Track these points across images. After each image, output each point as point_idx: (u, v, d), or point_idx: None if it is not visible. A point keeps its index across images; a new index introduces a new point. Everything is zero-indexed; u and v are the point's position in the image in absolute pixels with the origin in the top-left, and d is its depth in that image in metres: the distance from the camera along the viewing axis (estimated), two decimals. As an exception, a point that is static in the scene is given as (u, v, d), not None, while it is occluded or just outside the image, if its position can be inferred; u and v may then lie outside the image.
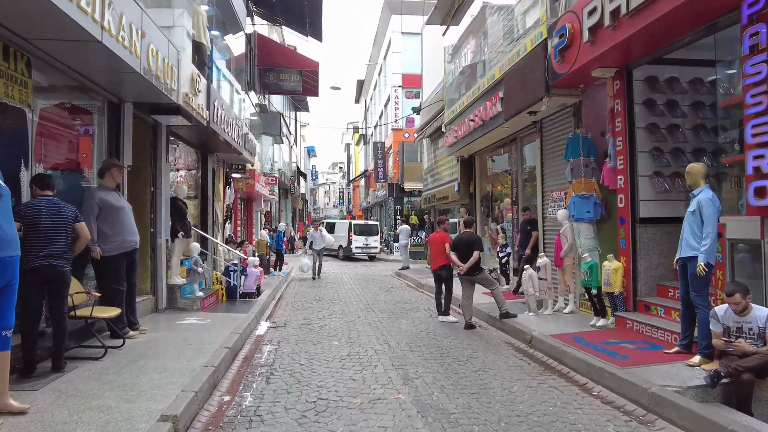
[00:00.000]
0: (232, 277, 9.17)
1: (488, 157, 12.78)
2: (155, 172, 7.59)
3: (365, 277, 14.84)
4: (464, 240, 7.36)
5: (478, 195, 12.98)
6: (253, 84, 16.36)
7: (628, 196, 6.50)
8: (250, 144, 11.68)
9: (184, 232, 7.82)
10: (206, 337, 5.92)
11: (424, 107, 16.56)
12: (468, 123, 10.99)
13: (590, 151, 7.61)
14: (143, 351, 5.13)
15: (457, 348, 6.13)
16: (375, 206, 34.99)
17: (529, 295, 7.39)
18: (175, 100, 6.43)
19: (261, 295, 9.89)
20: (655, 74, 6.56)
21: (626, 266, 6.47)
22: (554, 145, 8.59)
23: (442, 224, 8.25)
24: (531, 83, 7.85)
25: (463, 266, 7.19)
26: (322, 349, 6.02)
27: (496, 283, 7.40)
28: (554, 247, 7.77)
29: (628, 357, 4.94)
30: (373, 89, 36.17)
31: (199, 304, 7.83)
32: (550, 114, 8.55)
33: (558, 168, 8.46)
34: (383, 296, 10.70)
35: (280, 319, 8.04)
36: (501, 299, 7.23)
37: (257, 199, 16.57)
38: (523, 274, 7.52)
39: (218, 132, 8.48)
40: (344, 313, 8.55)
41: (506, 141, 10.84)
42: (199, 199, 10.56)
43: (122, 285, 5.55)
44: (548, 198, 8.73)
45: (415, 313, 8.65)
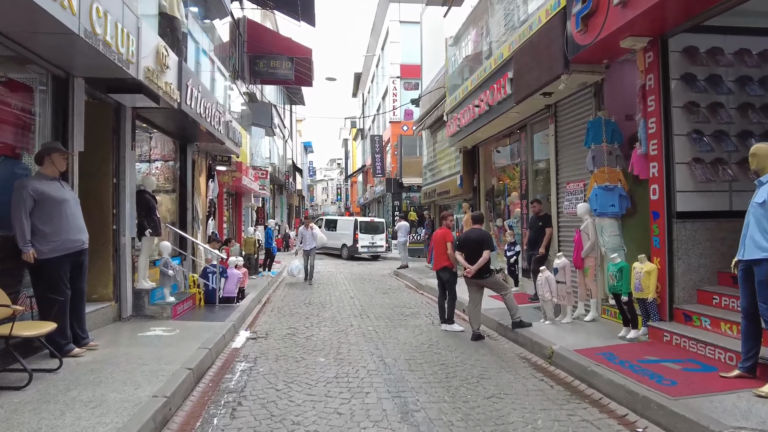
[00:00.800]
0: (210, 280, 8.23)
1: (493, 149, 11.85)
2: (118, 162, 6.64)
3: (361, 277, 13.92)
4: (472, 238, 6.43)
5: (483, 189, 12.05)
6: (242, 72, 15.39)
7: (663, 187, 5.58)
8: (234, 133, 10.72)
9: (152, 230, 6.88)
10: (168, 353, 4.99)
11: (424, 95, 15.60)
12: (472, 110, 10.06)
13: (614, 136, 6.70)
14: (83, 375, 4.19)
15: (464, 365, 5.21)
16: (373, 202, 34.05)
17: (546, 301, 6.47)
18: (133, 75, 5.48)
19: (245, 299, 8.96)
20: (694, 44, 5.63)
21: (661, 268, 5.55)
22: (571, 131, 7.66)
23: (446, 220, 7.32)
24: (547, 59, 6.91)
25: (470, 268, 6.26)
26: (305, 368, 5.09)
27: (508, 288, 6.48)
28: (573, 246, 6.84)
29: (677, 382, 4.02)
30: (370, 82, 35.17)
31: (170, 311, 6.90)
32: (566, 96, 7.61)
33: (575, 157, 7.54)
34: (380, 299, 9.78)
35: (262, 328, 7.12)
36: (513, 306, 6.31)
37: (246, 195, 15.62)
38: (539, 276, 6.60)
39: (192, 117, 7.53)
40: (335, 320, 7.62)
41: (514, 129, 9.90)
42: (177, 194, 9.62)
43: (62, 294, 4.61)
44: (564, 190, 7.80)
45: (414, 319, 7.73)
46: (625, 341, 5.47)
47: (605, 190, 6.55)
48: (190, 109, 7.41)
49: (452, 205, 16.02)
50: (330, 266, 17.30)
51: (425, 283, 11.23)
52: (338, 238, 20.63)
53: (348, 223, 21.13)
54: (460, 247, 6.58)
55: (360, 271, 15.60)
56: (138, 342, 5.50)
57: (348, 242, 20.32)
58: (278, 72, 15.97)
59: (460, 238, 6.65)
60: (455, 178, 13.07)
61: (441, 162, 15.63)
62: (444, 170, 15.16)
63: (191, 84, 7.36)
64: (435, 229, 17.57)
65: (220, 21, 13.25)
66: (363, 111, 40.79)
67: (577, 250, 6.62)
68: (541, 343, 5.61)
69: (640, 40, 5.60)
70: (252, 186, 14.25)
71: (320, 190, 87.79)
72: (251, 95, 15.55)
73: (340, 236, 20.67)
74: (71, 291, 4.78)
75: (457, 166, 13.43)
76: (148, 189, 7.08)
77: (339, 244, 20.60)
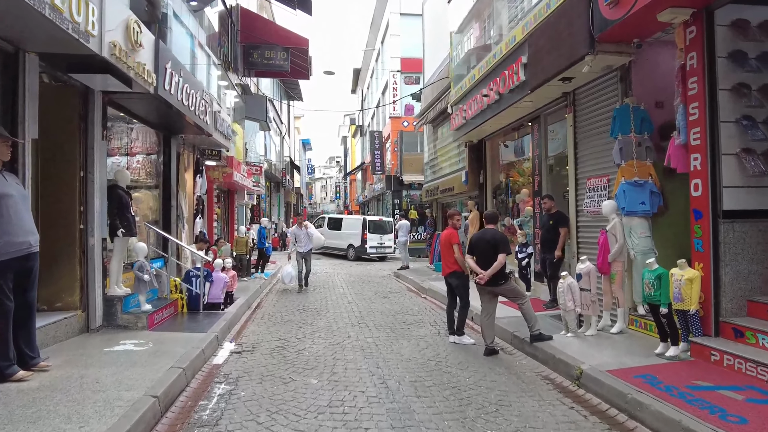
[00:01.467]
0: (194, 285, 7.49)
1: (501, 143, 11.10)
2: (86, 153, 5.89)
3: (360, 279, 13.17)
4: (486, 239, 5.68)
5: (489, 185, 11.31)
6: (235, 62, 14.61)
7: (707, 182, 4.84)
8: (223, 125, 9.97)
9: (126, 229, 6.14)
10: (132, 376, 4.24)
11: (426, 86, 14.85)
12: (480, 100, 9.30)
13: (644, 125, 5.97)
14: (19, 408, 3.45)
15: (479, 388, 4.48)
16: (372, 200, 33.29)
17: (568, 311, 5.73)
18: (95, 51, 4.72)
19: (233, 304, 8.23)
20: (745, 16, 4.88)
21: (704, 275, 4.82)
22: (592, 121, 6.92)
23: (452, 219, 6.57)
24: (568, 39, 6.16)
25: (483, 274, 5.52)
26: (294, 392, 4.35)
27: (525, 296, 5.73)
28: (597, 248, 6.10)
29: (749, 420, 3.29)
30: (370, 77, 34.36)
31: (146, 320, 6.15)
32: (587, 82, 6.87)
33: (597, 149, 6.80)
34: (380, 304, 9.04)
35: (249, 339, 6.38)
36: (532, 316, 5.58)
37: (240, 192, 14.87)
38: (560, 283, 5.86)
39: (173, 104, 6.78)
40: (331, 330, 6.88)
41: (525, 121, 9.16)
42: (161, 190, 8.87)
43: (2, 306, 3.87)
44: (584, 187, 7.06)
45: (418, 328, 6.99)
46: (665, 360, 4.74)
47: (634, 185, 5.83)
48: (170, 96, 6.66)
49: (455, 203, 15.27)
50: (328, 267, 16.55)
51: (428, 286, 10.50)
52: (343, 238, 19.51)
53: (355, 222, 19.86)
54: (471, 250, 5.83)
55: (359, 272, 14.86)
56: (101, 360, 4.75)
57: (355, 242, 19.11)
58: (273, 63, 15.17)
59: (472, 240, 5.90)
60: (460, 174, 12.33)
61: (444, 158, 14.89)
62: (447, 166, 14.42)
63: (171, 68, 6.61)
64: (437, 228, 16.98)
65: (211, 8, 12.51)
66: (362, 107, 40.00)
67: (603, 254, 5.88)
68: (566, 361, 4.88)
69: (682, 12, 4.86)
70: (245, 182, 13.49)
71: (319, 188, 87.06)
72: (244, 87, 14.79)
73: (345, 236, 19.52)
74: (16, 303, 4.04)
75: (461, 162, 12.70)
76: (122, 184, 6.33)
77: (344, 245, 19.46)
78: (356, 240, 19.01)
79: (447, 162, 14.46)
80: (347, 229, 19.67)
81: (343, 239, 19.50)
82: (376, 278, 13.47)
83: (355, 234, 19.11)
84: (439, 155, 15.67)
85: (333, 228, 20.23)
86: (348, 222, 20.33)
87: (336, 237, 19.66)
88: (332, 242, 19.59)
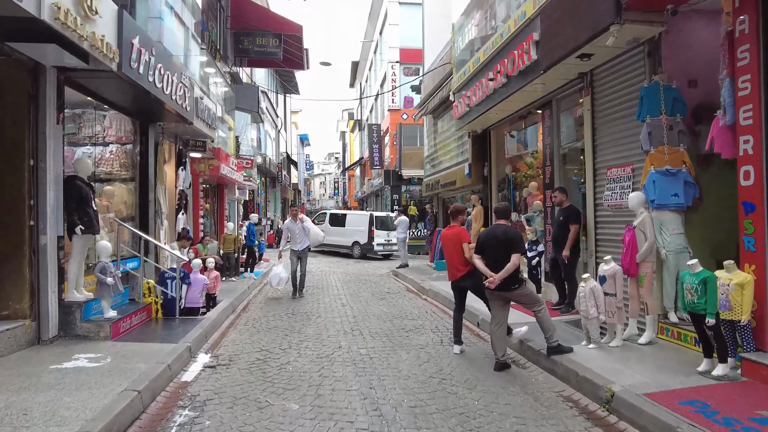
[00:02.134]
0: (169, 287, 6.75)
1: (506, 132, 10.35)
2: (37, 138, 5.14)
3: (357, 278, 12.43)
4: (497, 237, 4.92)
5: (494, 178, 10.55)
6: (224, 50, 13.83)
7: (762, 169, 4.09)
8: (208, 114, 9.19)
9: (86, 226, 5.38)
10: (72, 403, 3.50)
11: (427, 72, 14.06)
12: (485, 85, 8.54)
13: (676, 106, 5.23)
14: None
15: (491, 414, 3.75)
16: (370, 196, 32.53)
17: (591, 319, 4.99)
18: (33, 12, 3.96)
19: (215, 307, 7.49)
20: (807, -28, 4.12)
21: (758, 279, 4.07)
22: (613, 104, 6.16)
23: (459, 216, 5.80)
24: (588, 9, 5.39)
25: (494, 277, 4.76)
26: (269, 421, 3.61)
27: (542, 302, 4.98)
28: (623, 247, 5.34)
29: None
30: (368, 70, 33.53)
31: (109, 329, 5.41)
32: (607, 60, 6.12)
33: (620, 135, 6.06)
34: (376, 307, 8.29)
35: (227, 350, 5.63)
36: (550, 325, 4.84)
37: (230, 186, 14.09)
38: (580, 287, 5.11)
39: (142, 84, 6.00)
40: (320, 338, 6.13)
41: (535, 107, 8.41)
42: (137, 183, 8.11)
43: None
44: (603, 178, 6.32)
45: (418, 336, 6.25)
46: (711, 380, 4.00)
47: (665, 175, 5.09)
48: (139, 76, 5.89)
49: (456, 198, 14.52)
50: (324, 265, 15.81)
51: (429, 286, 9.76)
52: (348, 235, 18.38)
53: (361, 218, 18.68)
54: (479, 250, 5.07)
55: (356, 271, 14.12)
56: (41, 381, 4.01)
57: (361, 239, 17.97)
58: (265, 50, 14.40)
59: (480, 238, 5.13)
60: (462, 167, 11.58)
61: (445, 150, 14.13)
62: (448, 159, 13.65)
63: (140, 44, 5.83)
64: (438, 224, 16.23)
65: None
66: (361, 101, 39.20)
67: (630, 253, 5.12)
68: (591, 380, 4.14)
69: (731, -33, 4.10)
70: (234, 177, 12.71)
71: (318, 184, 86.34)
72: (234, 75, 13.99)
73: (350, 233, 18.38)
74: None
75: (464, 154, 11.95)
76: (82, 174, 5.57)
77: (348, 242, 18.34)
78: (362, 237, 17.90)
79: (448, 154, 13.70)
80: (352, 226, 18.53)
81: (347, 236, 18.41)
82: (374, 277, 12.72)
83: (361, 231, 17.99)
84: (439, 148, 14.90)
85: (335, 224, 19.13)
86: (353, 218, 19.15)
87: (339, 234, 18.61)
88: (334, 239, 18.61)
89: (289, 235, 9.55)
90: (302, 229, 9.41)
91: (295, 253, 9.45)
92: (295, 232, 9.46)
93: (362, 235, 17.81)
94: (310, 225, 9.62)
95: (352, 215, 19.64)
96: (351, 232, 18.27)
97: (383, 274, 13.34)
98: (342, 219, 19.28)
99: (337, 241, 18.60)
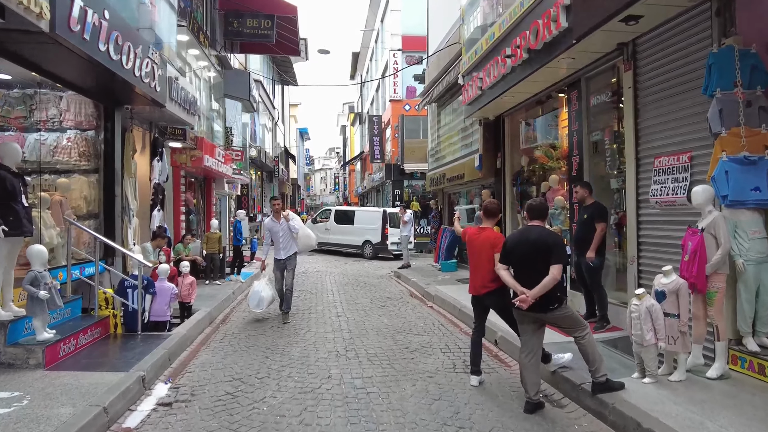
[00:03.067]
0: (130, 298, 5.69)
1: (522, 120, 9.27)
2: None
3: (355, 280, 11.37)
4: (531, 242, 3.84)
5: (509, 171, 9.46)
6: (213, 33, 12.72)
7: None
8: (183, 95, 8.10)
9: (13, 227, 4.31)
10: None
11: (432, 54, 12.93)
12: (501, 63, 7.43)
13: (755, 76, 4.16)
14: None
15: (533, 494, 2.67)
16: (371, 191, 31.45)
17: (647, 346, 3.92)
18: None
19: (188, 319, 6.46)
20: None
21: None
22: (665, 77, 5.07)
23: (495, 215, 4.57)
24: (643, -46, 4.30)
25: (527, 294, 3.68)
26: None
27: (586, 326, 3.90)
28: (683, 254, 4.25)
29: None
30: (369, 60, 32.35)
31: (42, 355, 4.36)
32: (660, 23, 5.01)
33: (671, 117, 4.97)
34: (375, 318, 7.23)
35: (192, 378, 4.58)
36: (596, 356, 3.77)
37: (218, 180, 13.03)
38: (633, 306, 4.04)
39: (87, 51, 4.92)
40: (307, 363, 5.07)
41: (559, 88, 7.32)
42: (101, 175, 7.06)
43: None
44: (648, 168, 5.23)
45: (425, 359, 5.19)
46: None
47: (743, 163, 4.02)
48: (83, 42, 4.81)
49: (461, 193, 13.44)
50: (321, 265, 14.74)
51: (435, 292, 8.70)
52: (357, 234, 16.90)
53: (372, 215, 17.08)
54: (505, 258, 3.99)
55: (354, 272, 13.05)
56: None
57: (374, 238, 16.43)
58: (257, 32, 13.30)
59: (507, 244, 4.04)
60: (472, 158, 10.48)
61: (452, 141, 13.02)
62: (456, 150, 12.55)
63: (84, 1, 4.74)
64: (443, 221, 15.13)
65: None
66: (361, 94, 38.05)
67: (698, 263, 4.03)
68: (663, 437, 3.08)
69: None
70: (221, 169, 11.63)
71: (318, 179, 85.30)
72: (222, 59, 12.90)
73: (360, 231, 16.88)
74: None
75: (474, 144, 10.85)
76: (8, 163, 4.48)
77: (358, 241, 16.84)
78: (375, 235, 16.42)
79: (455, 145, 12.59)
80: (362, 223, 16.97)
81: (356, 235, 16.94)
82: (374, 279, 11.66)
83: (373, 229, 16.51)
84: (445, 139, 13.79)
85: (342, 222, 17.61)
86: (363, 215, 17.54)
87: (347, 232, 17.21)
88: (340, 238, 17.33)
89: (270, 237, 7.11)
90: (288, 231, 7.03)
91: (278, 264, 7.09)
92: (278, 234, 7.01)
93: (375, 233, 16.40)
94: (298, 224, 7.27)
95: (362, 212, 18.10)
96: (361, 231, 16.82)
97: (384, 276, 12.27)
98: (350, 216, 17.70)
99: (345, 240, 17.28)
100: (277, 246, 7.05)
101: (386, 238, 16.10)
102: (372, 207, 24.07)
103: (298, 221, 7.36)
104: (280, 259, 7.05)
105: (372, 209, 19.17)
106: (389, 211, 16.74)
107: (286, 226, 7.04)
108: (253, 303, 6.89)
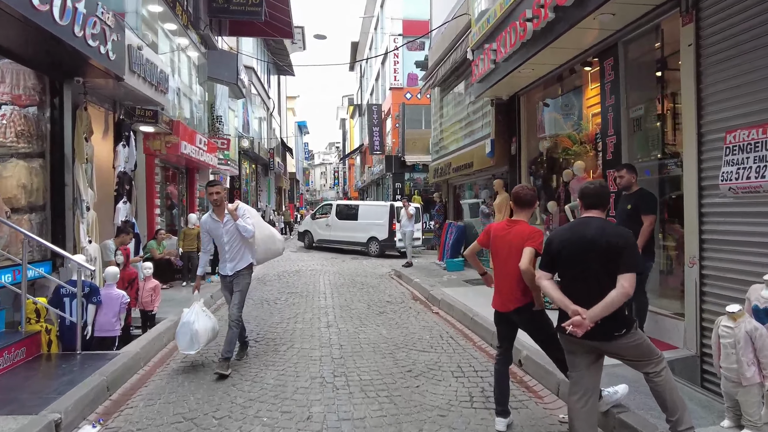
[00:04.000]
0: (67, 309, 4.60)
1: (539, 101, 8.15)
2: None
3: (351, 280, 10.28)
4: (588, 239, 2.72)
5: (525, 158, 8.34)
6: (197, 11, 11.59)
7: None
8: (146, 67, 6.96)
9: None
10: None
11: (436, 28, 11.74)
12: (520, 28, 6.29)
13: None
14: None
15: None
16: (371, 185, 30.30)
17: (749, 385, 2.82)
18: None
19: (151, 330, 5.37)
20: None
21: None
22: (740, 29, 3.94)
23: (528, 206, 3.40)
24: None
25: (582, 315, 2.58)
26: None
27: (662, 359, 2.79)
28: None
29: None
30: (368, 48, 31.11)
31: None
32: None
33: (747, 78, 3.86)
34: (372, 328, 6.14)
35: (127, 421, 3.50)
36: (676, 400, 2.70)
37: (203, 170, 11.92)
38: (722, 329, 2.93)
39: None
40: (281, 397, 3.96)
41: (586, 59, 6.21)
42: (47, 160, 5.96)
43: None
44: (717, 146, 4.11)
45: (435, 386, 4.10)
46: None
47: None
48: None
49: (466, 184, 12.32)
50: (316, 262, 13.65)
51: (440, 295, 7.61)
52: (362, 230, 15.76)
53: (379, 210, 15.90)
54: (548, 263, 2.88)
55: (352, 270, 11.96)
56: None
57: (380, 234, 15.28)
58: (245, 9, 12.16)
59: (553, 244, 2.90)
60: (482, 145, 9.34)
61: (458, 127, 11.88)
62: (463, 137, 11.41)
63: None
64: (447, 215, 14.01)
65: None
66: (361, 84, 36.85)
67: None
68: None
69: None
70: (203, 158, 10.50)
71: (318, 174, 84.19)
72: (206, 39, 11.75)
73: (364, 227, 15.73)
74: None
75: (484, 129, 9.71)
76: None
77: (363, 238, 15.71)
78: (382, 232, 15.26)
79: (462, 132, 11.45)
80: (367, 219, 15.80)
81: (361, 231, 15.78)
82: (372, 279, 10.57)
83: (379, 224, 15.35)
84: (450, 127, 12.65)
85: (345, 218, 16.45)
86: (367, 210, 16.31)
87: (350, 229, 16.06)
88: (343, 235, 16.25)
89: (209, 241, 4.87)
90: (235, 233, 4.70)
91: (224, 281, 4.85)
92: (221, 238, 4.72)
93: (381, 229, 15.20)
94: (256, 222, 4.97)
95: (366, 206, 16.87)
96: (366, 227, 15.61)
97: (383, 275, 11.18)
98: (353, 211, 16.48)
99: (348, 237, 16.10)
100: (222, 255, 4.77)
101: (394, 234, 14.91)
102: (378, 201, 22.78)
103: (253, 217, 4.95)
104: (226, 274, 4.76)
105: (378, 203, 17.92)
106: (397, 204, 15.52)
107: (233, 226, 4.68)
108: (183, 342, 4.58)
